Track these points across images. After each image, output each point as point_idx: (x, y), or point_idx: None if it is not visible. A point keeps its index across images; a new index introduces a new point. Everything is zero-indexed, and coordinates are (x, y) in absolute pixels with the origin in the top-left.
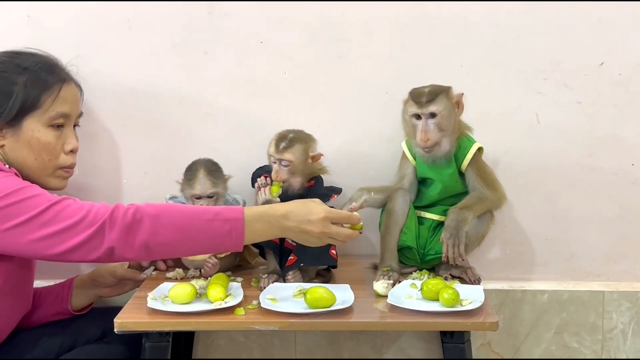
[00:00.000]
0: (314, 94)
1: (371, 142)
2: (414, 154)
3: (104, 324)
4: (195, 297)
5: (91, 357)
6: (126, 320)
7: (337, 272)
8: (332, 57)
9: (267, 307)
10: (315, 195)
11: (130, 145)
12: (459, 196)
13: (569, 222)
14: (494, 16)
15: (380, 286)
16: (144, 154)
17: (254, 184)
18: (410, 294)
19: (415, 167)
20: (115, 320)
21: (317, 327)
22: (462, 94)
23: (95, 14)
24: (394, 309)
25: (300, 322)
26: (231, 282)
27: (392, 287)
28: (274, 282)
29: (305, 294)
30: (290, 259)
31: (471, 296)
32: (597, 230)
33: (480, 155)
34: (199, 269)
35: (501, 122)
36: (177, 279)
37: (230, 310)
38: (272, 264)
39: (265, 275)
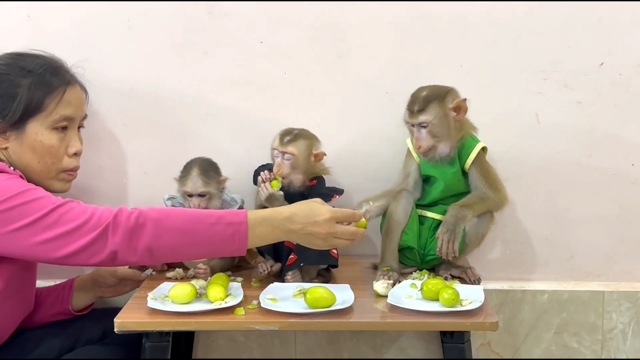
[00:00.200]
0: (314, 94)
1: (371, 141)
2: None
3: (105, 324)
4: (195, 297)
5: (92, 357)
6: (126, 320)
7: (337, 272)
8: (332, 57)
9: (267, 307)
10: (316, 194)
11: (130, 145)
12: (461, 195)
13: (569, 222)
14: (494, 16)
15: (380, 286)
16: (144, 154)
17: (255, 181)
18: (410, 294)
19: (419, 164)
20: (115, 320)
21: (317, 327)
22: (465, 99)
23: (95, 14)
24: (394, 309)
25: (300, 322)
26: (231, 282)
27: (392, 287)
28: (272, 267)
29: (305, 294)
30: (290, 258)
31: (471, 296)
32: (597, 230)
33: (484, 154)
34: None
35: (501, 122)
36: (177, 278)
37: (230, 310)
38: (271, 261)
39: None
